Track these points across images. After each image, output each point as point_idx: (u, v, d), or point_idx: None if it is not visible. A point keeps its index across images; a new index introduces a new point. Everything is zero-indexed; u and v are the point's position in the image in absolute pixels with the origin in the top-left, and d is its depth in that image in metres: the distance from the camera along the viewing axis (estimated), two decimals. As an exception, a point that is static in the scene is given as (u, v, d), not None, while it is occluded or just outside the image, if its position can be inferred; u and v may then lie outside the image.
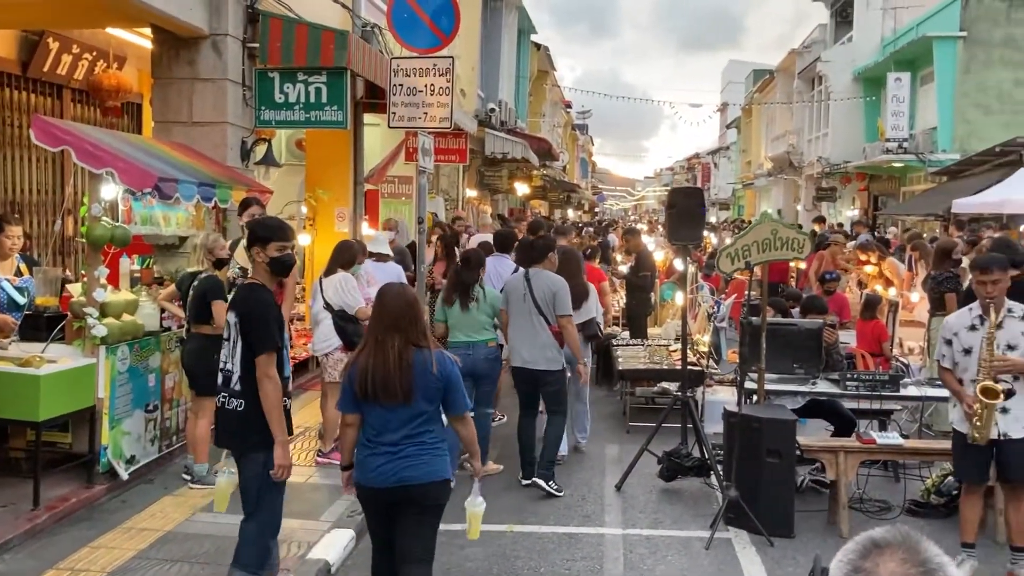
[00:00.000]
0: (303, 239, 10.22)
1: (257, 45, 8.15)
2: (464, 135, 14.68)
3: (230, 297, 4.76)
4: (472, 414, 4.34)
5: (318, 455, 7.13)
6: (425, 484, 3.91)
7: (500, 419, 8.47)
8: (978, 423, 5.16)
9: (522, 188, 25.24)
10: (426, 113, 8.22)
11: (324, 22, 9.36)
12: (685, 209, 6.99)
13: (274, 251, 4.34)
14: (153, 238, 7.48)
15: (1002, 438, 5.20)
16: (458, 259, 7.95)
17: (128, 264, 7.06)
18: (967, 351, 5.30)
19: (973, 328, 5.30)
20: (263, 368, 4.24)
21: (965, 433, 5.29)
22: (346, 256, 7.30)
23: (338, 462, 4.65)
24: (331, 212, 11.04)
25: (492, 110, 20.07)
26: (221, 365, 4.41)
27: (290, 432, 4.43)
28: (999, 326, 5.18)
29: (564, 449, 7.44)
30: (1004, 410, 5.18)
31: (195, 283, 6.24)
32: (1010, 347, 5.20)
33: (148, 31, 8.08)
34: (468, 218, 18.75)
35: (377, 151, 12.71)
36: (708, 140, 73.20)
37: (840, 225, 28.15)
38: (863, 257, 13.52)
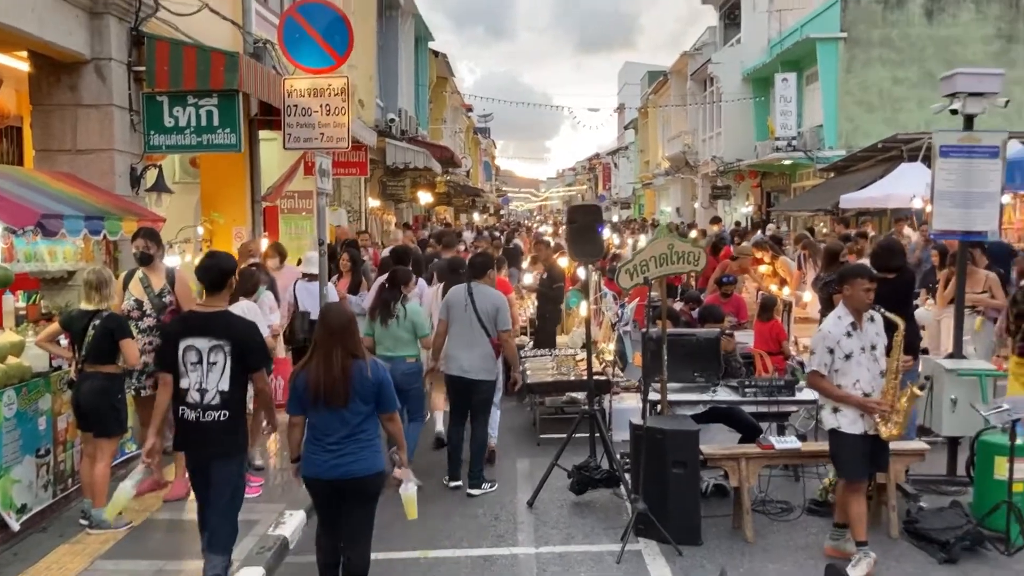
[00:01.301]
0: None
1: (144, 69, 7.89)
2: (364, 147, 14.55)
3: (206, 324, 5.00)
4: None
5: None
6: (362, 477, 4.64)
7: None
8: (898, 420, 5.57)
9: (425, 196, 25.17)
10: (322, 133, 8.12)
11: (214, 40, 9.14)
12: (584, 226, 7.11)
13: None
14: (39, 273, 7.17)
15: (871, 432, 5.62)
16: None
17: (12, 302, 6.75)
18: (847, 356, 5.64)
19: (848, 335, 5.66)
20: (264, 380, 5.10)
21: (852, 434, 5.62)
22: (248, 284, 7.16)
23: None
24: (229, 232, 10.80)
25: (392, 120, 19.96)
26: (195, 385, 4.87)
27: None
28: (863, 329, 5.66)
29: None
30: None
31: (96, 322, 6.00)
32: (872, 347, 5.66)
33: (24, 53, 7.74)
34: (373, 230, 18.61)
35: (275, 167, 12.48)
36: (609, 139, 74.36)
37: (739, 224, 29.03)
38: (758, 255, 13.94)
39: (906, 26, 24.54)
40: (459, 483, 7.33)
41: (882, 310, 5.72)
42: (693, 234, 22.10)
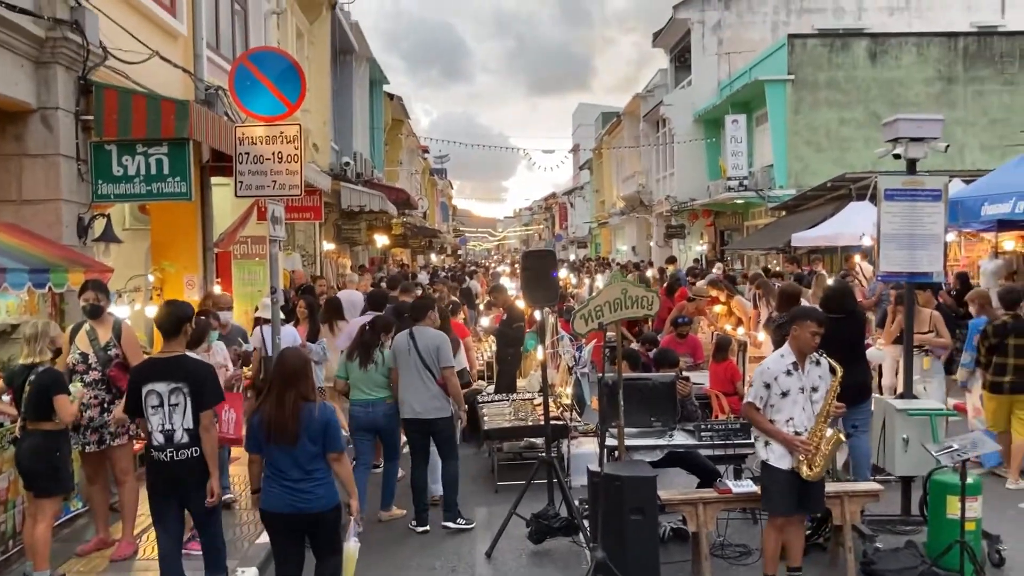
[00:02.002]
0: (150, 311, 9.80)
1: (92, 118, 7.79)
2: (318, 192, 14.48)
3: (165, 369, 5.40)
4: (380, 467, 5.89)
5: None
6: (317, 512, 4.96)
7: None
8: (820, 463, 5.67)
9: (382, 239, 25.10)
10: (275, 181, 8.06)
11: (165, 88, 9.08)
12: (539, 271, 7.14)
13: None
14: (-19, 326, 6.99)
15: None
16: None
17: (-47, 357, 6.55)
18: (784, 394, 5.77)
19: (788, 373, 5.76)
20: (210, 418, 5.39)
21: (780, 468, 5.75)
22: (194, 336, 7.01)
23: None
24: (180, 279, 10.64)
25: (347, 163, 19.95)
26: (158, 428, 5.25)
27: None
28: (806, 371, 5.77)
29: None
30: None
31: (31, 377, 5.85)
32: (814, 388, 5.77)
33: (-32, 103, 7.60)
34: (328, 273, 18.47)
35: (228, 212, 12.36)
36: (565, 178, 75.05)
37: (697, 261, 29.41)
38: (713, 293, 14.07)
39: (851, 68, 25.24)
40: (426, 528, 7.49)
41: (824, 355, 5.86)
42: (650, 272, 22.32)
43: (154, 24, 9.53)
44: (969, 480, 5.89)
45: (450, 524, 7.52)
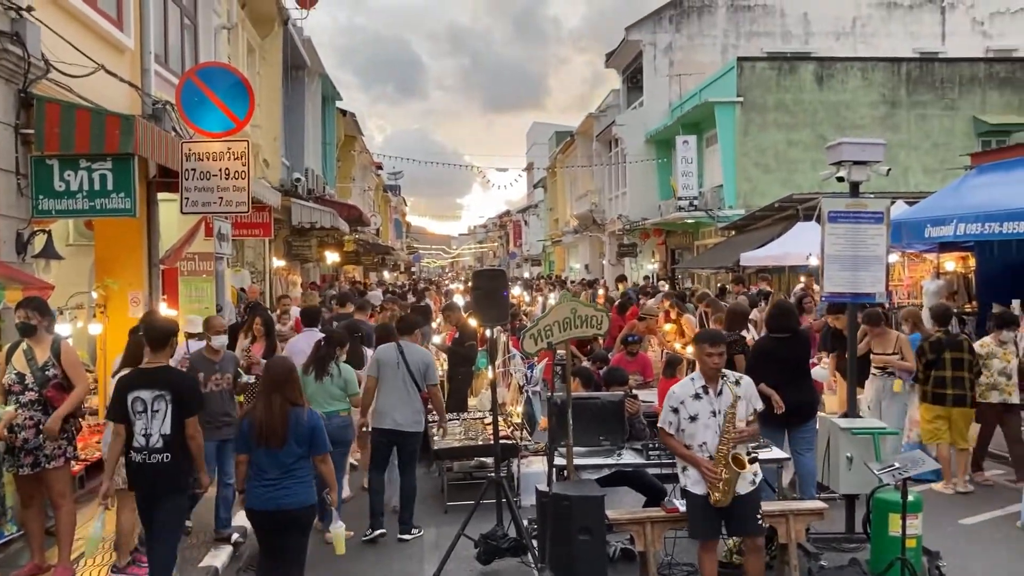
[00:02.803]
0: (93, 328, 9.59)
1: (32, 131, 7.61)
2: (268, 208, 14.32)
3: (147, 376, 5.75)
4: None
5: (112, 570, 6.59)
6: (297, 509, 5.38)
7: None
8: (724, 488, 5.66)
9: (333, 256, 24.90)
10: (221, 198, 7.99)
11: (111, 102, 8.91)
12: (490, 291, 7.12)
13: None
14: (-87, 345, 6.76)
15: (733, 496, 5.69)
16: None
17: None
18: (693, 418, 5.79)
19: (697, 397, 5.79)
20: (195, 427, 5.70)
21: (696, 494, 5.77)
22: (141, 353, 6.86)
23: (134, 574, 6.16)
24: (125, 297, 10.42)
25: (298, 179, 19.77)
26: (140, 431, 5.57)
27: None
28: (719, 392, 5.78)
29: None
30: None
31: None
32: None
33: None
34: (277, 290, 18.25)
35: (175, 228, 12.13)
36: (519, 196, 75.30)
37: (647, 278, 29.67)
38: (666, 304, 14.23)
39: (798, 91, 25.76)
40: (383, 531, 7.74)
41: (742, 378, 5.95)
42: (601, 291, 22.44)
43: (100, 37, 9.37)
44: (910, 498, 5.99)
45: (406, 536, 7.79)
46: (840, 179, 7.16)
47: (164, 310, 10.66)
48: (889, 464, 6.02)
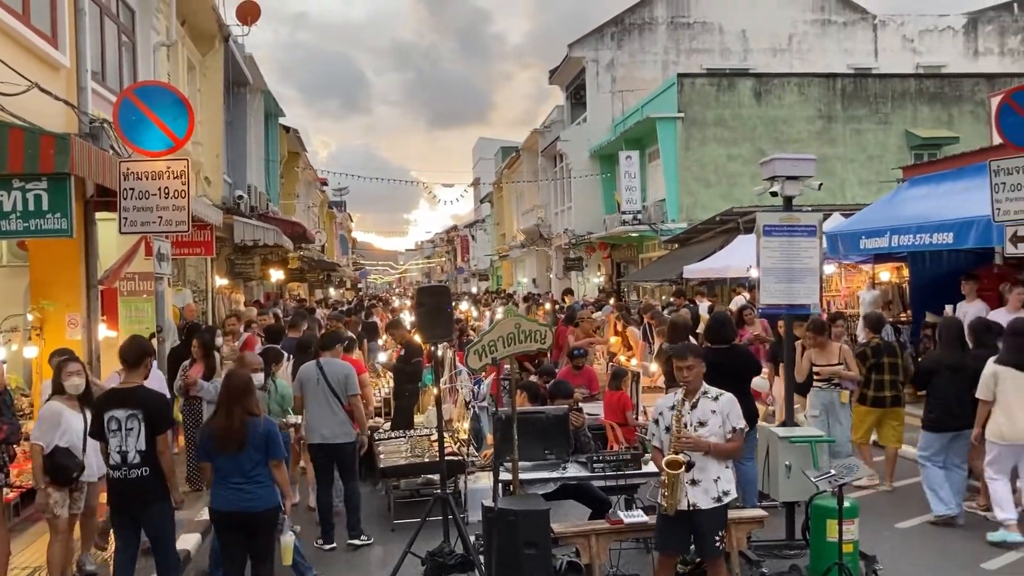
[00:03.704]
0: (29, 351, 9.38)
1: (-38, 151, 7.44)
2: (209, 226, 14.14)
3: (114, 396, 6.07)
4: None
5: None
6: (260, 511, 5.77)
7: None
8: (666, 493, 5.69)
9: (277, 273, 24.64)
10: (161, 217, 7.90)
11: (46, 121, 8.75)
12: (433, 307, 7.15)
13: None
14: None
15: (692, 508, 5.69)
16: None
17: None
18: (668, 429, 5.84)
19: (673, 408, 5.84)
20: (166, 443, 6.00)
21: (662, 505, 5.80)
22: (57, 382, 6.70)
23: None
24: (62, 319, 10.21)
25: (240, 197, 19.54)
26: (116, 449, 5.84)
27: None
28: (695, 406, 5.77)
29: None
30: (694, 482, 5.70)
31: None
32: (701, 423, 5.77)
33: None
34: (220, 309, 18.01)
35: (114, 247, 11.92)
36: (466, 211, 75.37)
37: (602, 290, 29.93)
38: (614, 313, 14.44)
39: (737, 107, 26.29)
40: (333, 545, 7.94)
41: (722, 393, 5.93)
42: (548, 305, 22.60)
43: (33, 55, 9.21)
44: (846, 504, 6.14)
45: (355, 541, 8.04)
46: (774, 194, 7.35)
47: (103, 331, 10.48)
48: (826, 472, 6.17)
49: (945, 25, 33.67)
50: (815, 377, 9.42)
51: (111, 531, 6.23)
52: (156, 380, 8.22)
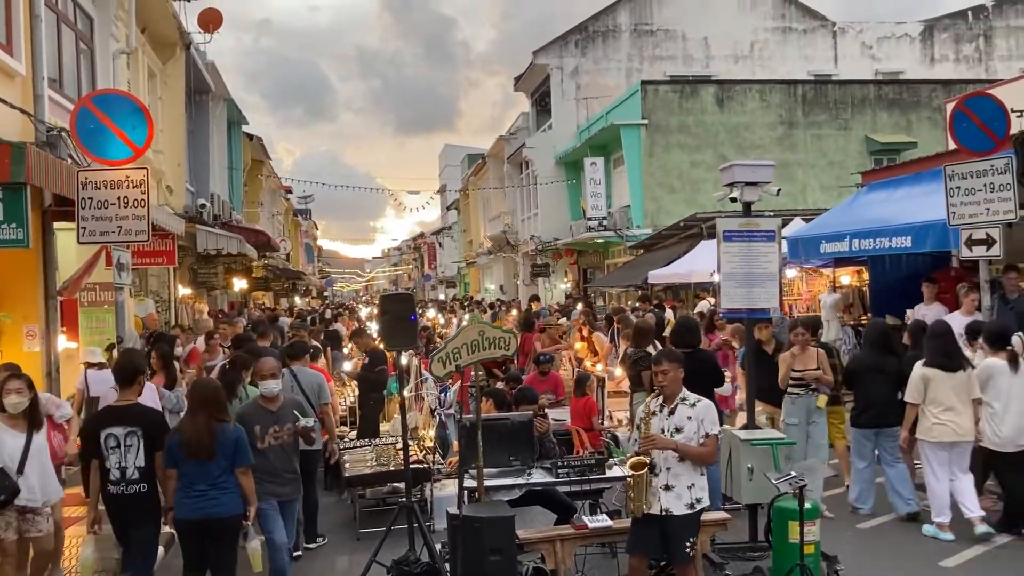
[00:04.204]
0: (-15, 364, 9.21)
1: (-86, 160, 7.33)
2: (172, 236, 14.01)
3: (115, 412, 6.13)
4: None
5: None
6: (225, 518, 5.80)
7: None
8: (631, 495, 5.75)
9: (241, 282, 24.43)
10: (120, 227, 7.81)
11: (2, 129, 8.62)
12: (397, 315, 7.13)
13: None
14: None
15: (664, 514, 5.72)
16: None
17: None
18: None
19: (654, 414, 5.88)
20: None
21: None
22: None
23: None
24: (20, 330, 10.05)
25: (203, 205, 19.38)
26: (116, 465, 5.95)
27: None
28: (673, 411, 5.80)
29: None
30: (667, 487, 5.74)
31: None
32: (678, 429, 5.80)
33: None
34: (183, 319, 17.82)
35: (74, 257, 11.76)
36: (433, 218, 75.26)
37: (569, 295, 30.01)
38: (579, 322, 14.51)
39: (700, 114, 26.55)
40: (299, 553, 7.87)
41: (700, 400, 5.96)
42: (514, 312, 22.65)
43: (-12, 63, 9.09)
44: (807, 505, 6.21)
45: (311, 544, 8.17)
46: (733, 200, 7.44)
47: (63, 343, 10.33)
48: (787, 473, 6.24)
49: (903, 32, 34.26)
50: (791, 383, 8.99)
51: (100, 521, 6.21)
52: (148, 395, 8.16)
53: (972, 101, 9.91)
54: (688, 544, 5.76)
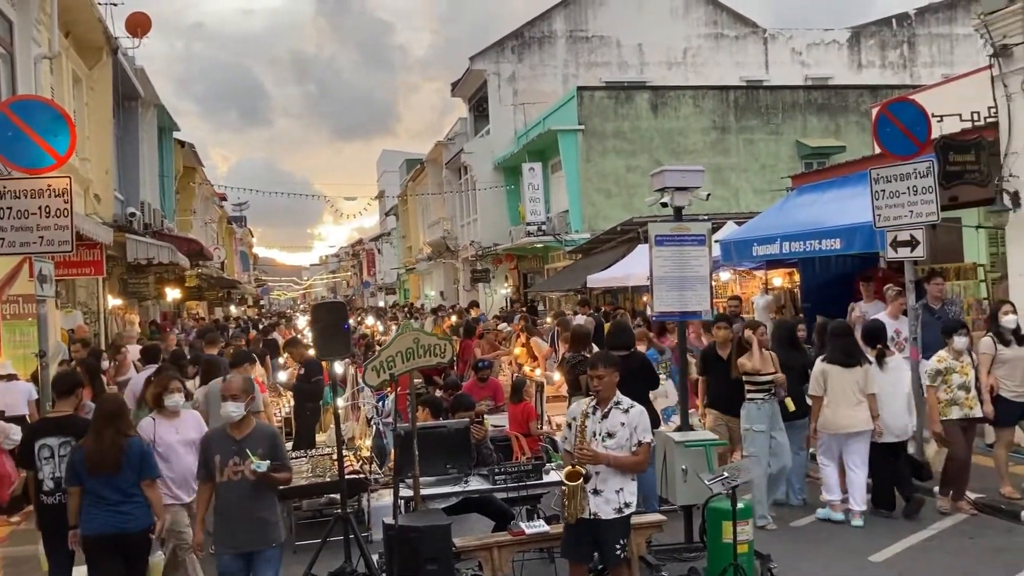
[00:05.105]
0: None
1: None
2: (99, 245, 13.66)
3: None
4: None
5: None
6: (138, 532, 5.72)
7: None
8: (566, 503, 5.76)
9: (174, 292, 23.94)
10: (42, 237, 7.58)
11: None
12: (330, 324, 7.06)
13: None
14: None
15: (593, 518, 5.74)
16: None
17: None
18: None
19: (587, 416, 5.88)
20: None
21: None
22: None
23: None
24: (-62, 345, 9.72)
25: (133, 214, 18.94)
26: (50, 475, 6.06)
27: None
28: (606, 415, 5.80)
29: None
30: (596, 491, 5.75)
31: None
32: (610, 435, 5.80)
33: None
34: (113, 330, 17.40)
35: (-4, 269, 11.41)
36: (372, 223, 74.66)
37: (513, 301, 30.04)
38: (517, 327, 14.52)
39: (635, 119, 26.81)
40: None
41: (634, 405, 5.98)
42: (454, 318, 22.58)
43: (-100, 68, 8.76)
44: (740, 505, 6.30)
45: None
46: (664, 205, 7.53)
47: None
48: (719, 474, 6.32)
49: (831, 39, 35.06)
50: (750, 388, 8.51)
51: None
52: (192, 423, 7.95)
53: (895, 106, 10.19)
54: (619, 546, 5.77)
